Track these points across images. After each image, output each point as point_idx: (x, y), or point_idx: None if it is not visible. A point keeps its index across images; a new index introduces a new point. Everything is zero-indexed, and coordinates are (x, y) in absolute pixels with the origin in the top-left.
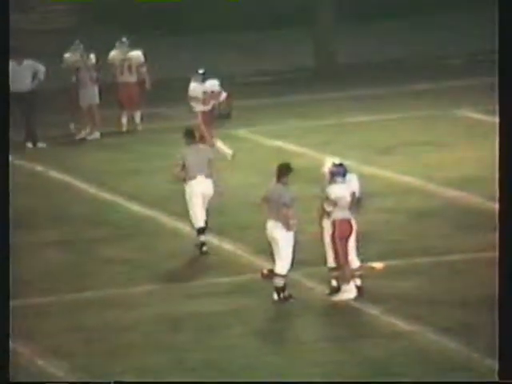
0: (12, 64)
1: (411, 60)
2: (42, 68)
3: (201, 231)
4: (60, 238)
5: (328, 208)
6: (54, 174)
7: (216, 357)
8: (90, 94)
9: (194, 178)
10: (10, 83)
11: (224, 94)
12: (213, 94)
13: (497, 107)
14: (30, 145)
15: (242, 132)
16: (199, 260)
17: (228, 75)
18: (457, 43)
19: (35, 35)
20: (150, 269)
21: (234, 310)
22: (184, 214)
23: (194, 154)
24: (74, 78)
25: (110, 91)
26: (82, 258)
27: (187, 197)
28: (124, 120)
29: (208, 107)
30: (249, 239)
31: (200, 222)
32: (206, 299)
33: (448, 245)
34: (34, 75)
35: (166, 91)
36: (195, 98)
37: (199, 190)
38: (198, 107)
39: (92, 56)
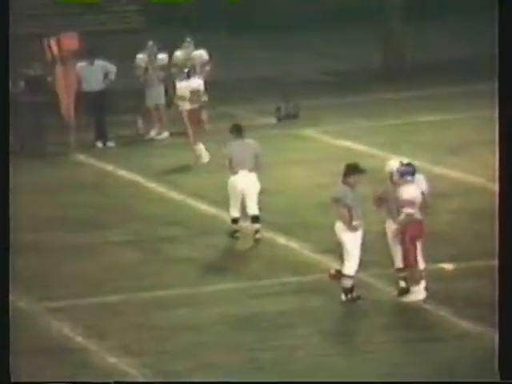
0: (84, 64)
1: (477, 59)
2: (112, 68)
3: (234, 221)
4: (129, 237)
5: (407, 209)
6: (124, 173)
7: (283, 356)
8: (157, 94)
9: (237, 172)
10: (82, 83)
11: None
12: (199, 93)
13: None
14: (100, 144)
15: (310, 132)
16: (267, 259)
17: (295, 75)
18: None
19: (104, 36)
20: (218, 268)
21: (301, 309)
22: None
23: (239, 149)
24: (142, 78)
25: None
26: (151, 257)
27: (228, 189)
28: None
29: (195, 105)
30: (316, 239)
31: (234, 213)
32: (273, 299)
33: None
34: (105, 75)
35: (231, 91)
36: (182, 97)
37: (239, 185)
38: (185, 106)
39: (161, 56)
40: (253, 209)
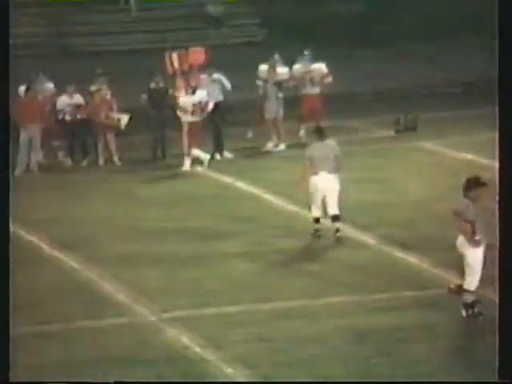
0: (203, 77)
1: None
2: (228, 83)
3: (317, 220)
4: (247, 248)
5: None
6: (241, 185)
7: (400, 371)
8: (275, 107)
9: (317, 173)
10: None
11: (211, 104)
12: (201, 105)
13: None
14: (218, 156)
15: (429, 145)
16: (384, 272)
17: (413, 87)
18: None
19: (225, 49)
20: (335, 281)
21: (419, 324)
22: (371, 225)
23: (320, 150)
24: (260, 91)
25: (292, 104)
26: (268, 269)
27: (309, 189)
28: (302, 132)
29: (196, 118)
30: (435, 253)
31: (316, 212)
32: (390, 312)
33: None
34: (223, 88)
35: (350, 104)
36: (184, 109)
37: (319, 186)
38: (186, 118)
39: (282, 70)
40: (333, 209)
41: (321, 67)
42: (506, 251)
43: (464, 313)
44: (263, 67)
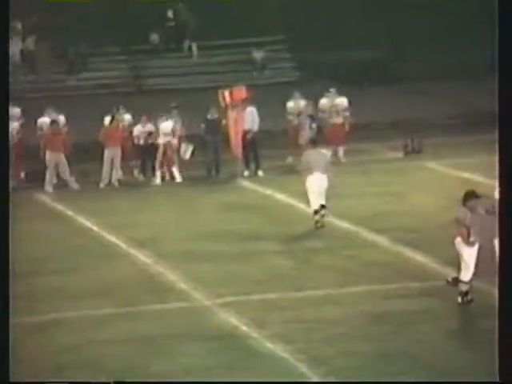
0: (248, 110)
1: None
2: (256, 117)
3: (316, 212)
4: (283, 247)
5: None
6: (281, 197)
7: (410, 348)
8: (309, 135)
9: (313, 173)
10: (245, 125)
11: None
12: (173, 132)
13: None
14: (260, 173)
15: (432, 164)
16: (395, 267)
17: (419, 117)
18: None
19: (265, 87)
20: (357, 275)
21: (424, 309)
22: (385, 230)
23: (315, 156)
24: (295, 121)
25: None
26: (301, 264)
27: (307, 186)
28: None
29: (168, 140)
30: (437, 252)
31: (314, 205)
32: (400, 300)
33: None
34: (254, 118)
35: (368, 131)
36: (164, 134)
37: (316, 183)
38: (161, 140)
39: (304, 103)
40: (322, 200)
41: (343, 101)
42: (506, 251)
43: (460, 299)
44: (289, 103)
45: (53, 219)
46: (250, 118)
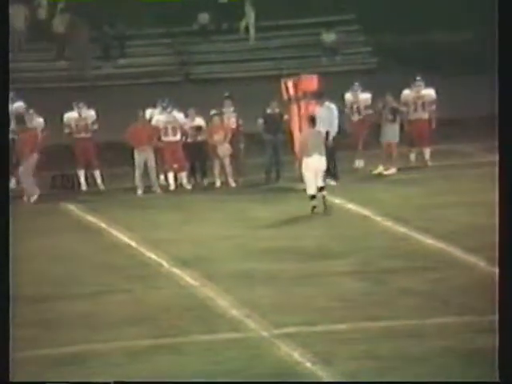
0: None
1: None
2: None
3: (312, 197)
4: (355, 267)
5: None
6: (351, 206)
7: None
8: (391, 132)
9: (311, 156)
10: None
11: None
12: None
13: None
14: (332, 183)
15: None
16: (491, 294)
17: None
18: None
19: (338, 76)
20: (442, 301)
21: None
22: (478, 248)
23: (313, 136)
24: (355, 117)
25: (401, 129)
26: (376, 288)
27: (303, 170)
28: (412, 156)
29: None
30: None
31: (311, 190)
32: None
33: None
34: (332, 117)
35: (460, 129)
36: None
37: (313, 166)
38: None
39: (364, 96)
40: (320, 182)
41: (430, 93)
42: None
43: None
44: (348, 95)
45: (82, 233)
46: (326, 117)
